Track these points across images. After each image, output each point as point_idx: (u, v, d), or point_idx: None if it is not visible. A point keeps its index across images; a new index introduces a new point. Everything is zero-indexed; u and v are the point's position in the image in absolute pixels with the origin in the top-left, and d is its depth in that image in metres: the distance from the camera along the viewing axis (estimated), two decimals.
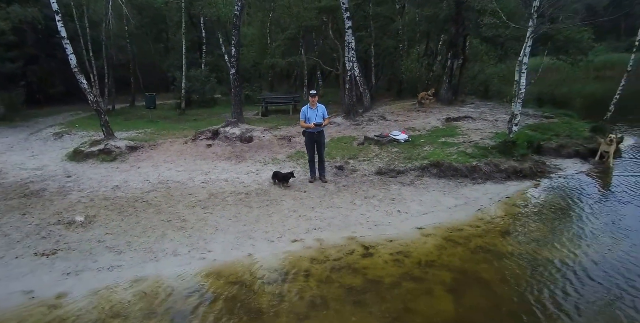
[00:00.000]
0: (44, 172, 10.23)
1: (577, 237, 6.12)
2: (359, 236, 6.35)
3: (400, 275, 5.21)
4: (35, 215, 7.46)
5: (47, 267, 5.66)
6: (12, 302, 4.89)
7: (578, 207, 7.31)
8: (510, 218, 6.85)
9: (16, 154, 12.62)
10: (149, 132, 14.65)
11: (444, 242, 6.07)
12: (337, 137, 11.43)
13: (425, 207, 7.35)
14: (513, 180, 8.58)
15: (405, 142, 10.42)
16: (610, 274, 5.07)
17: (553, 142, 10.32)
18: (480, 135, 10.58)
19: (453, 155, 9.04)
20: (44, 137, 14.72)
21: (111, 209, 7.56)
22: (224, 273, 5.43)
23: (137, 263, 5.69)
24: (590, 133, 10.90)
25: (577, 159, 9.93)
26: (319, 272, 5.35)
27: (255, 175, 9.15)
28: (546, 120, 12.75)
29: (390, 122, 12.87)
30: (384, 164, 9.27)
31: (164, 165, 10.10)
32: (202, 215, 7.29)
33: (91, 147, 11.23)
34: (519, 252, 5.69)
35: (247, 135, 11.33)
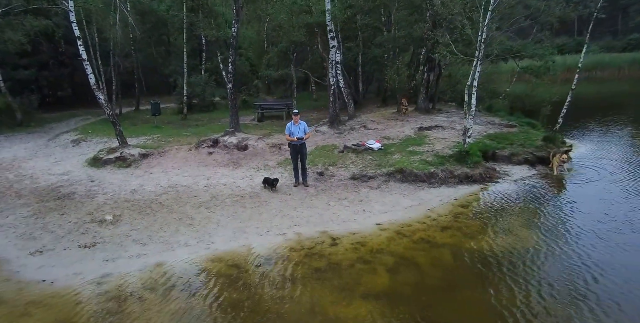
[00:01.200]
0: (70, 177, 12.06)
1: (500, 231, 7.92)
2: (329, 230, 8.17)
3: (356, 259, 7.03)
4: (72, 215, 9.29)
5: (90, 256, 7.50)
6: (70, 282, 6.71)
7: (510, 207, 9.10)
8: (452, 216, 8.66)
9: (41, 160, 14.45)
10: (156, 139, 16.42)
11: (394, 235, 7.89)
12: (321, 145, 13.22)
13: (386, 207, 9.16)
14: (464, 184, 10.39)
15: (379, 150, 12.20)
16: (513, 260, 6.87)
17: (506, 150, 12.10)
18: (444, 144, 12.36)
19: (415, 163, 10.84)
20: (63, 144, 16.51)
21: (133, 209, 9.39)
22: (224, 258, 7.26)
23: (158, 252, 7.51)
24: (542, 142, 12.66)
25: (526, 165, 11.71)
26: (295, 257, 7.17)
27: (249, 180, 10.96)
28: (508, 129, 14.50)
29: (369, 131, 14.66)
30: (358, 170, 11.07)
31: (173, 171, 11.91)
32: (206, 214, 9.11)
33: (109, 154, 13.03)
34: (449, 243, 7.50)
35: (242, 144, 13.14)
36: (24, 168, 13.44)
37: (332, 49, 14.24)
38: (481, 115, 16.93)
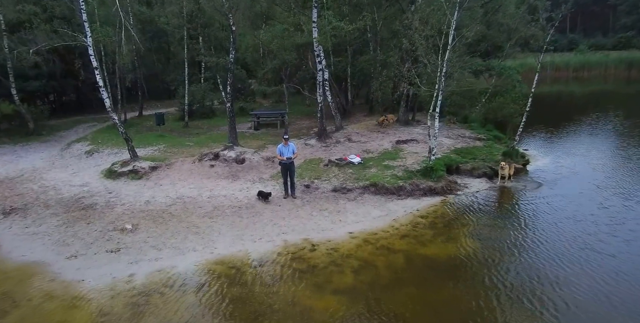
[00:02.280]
0: (90, 188, 13.90)
1: (447, 239, 9.83)
2: (310, 238, 10.06)
3: (329, 262, 8.93)
4: (97, 224, 11.16)
5: (117, 259, 9.38)
6: (103, 280, 8.60)
7: (460, 218, 11.01)
8: (412, 226, 10.56)
9: (60, 171, 16.28)
10: (162, 150, 18.23)
11: (362, 242, 9.79)
12: (309, 159, 15.08)
13: (358, 217, 11.06)
14: (428, 196, 12.28)
15: (358, 164, 14.08)
16: (452, 264, 8.79)
17: (469, 164, 14.00)
18: (415, 159, 14.22)
19: (387, 178, 12.73)
20: (77, 155, 18.31)
21: (148, 219, 11.26)
22: (225, 261, 9.15)
23: (171, 256, 9.40)
24: (501, 157, 14.55)
25: (484, 178, 13.62)
26: (281, 260, 9.07)
27: (246, 192, 12.83)
28: (476, 142, 16.38)
29: (353, 144, 16.53)
30: (339, 183, 12.95)
31: (179, 183, 13.77)
32: (209, 223, 10.99)
33: (122, 167, 14.87)
34: (404, 249, 9.41)
35: (240, 158, 14.99)
36: (46, 180, 15.27)
37: (319, 71, 16.05)
38: (456, 127, 18.81)
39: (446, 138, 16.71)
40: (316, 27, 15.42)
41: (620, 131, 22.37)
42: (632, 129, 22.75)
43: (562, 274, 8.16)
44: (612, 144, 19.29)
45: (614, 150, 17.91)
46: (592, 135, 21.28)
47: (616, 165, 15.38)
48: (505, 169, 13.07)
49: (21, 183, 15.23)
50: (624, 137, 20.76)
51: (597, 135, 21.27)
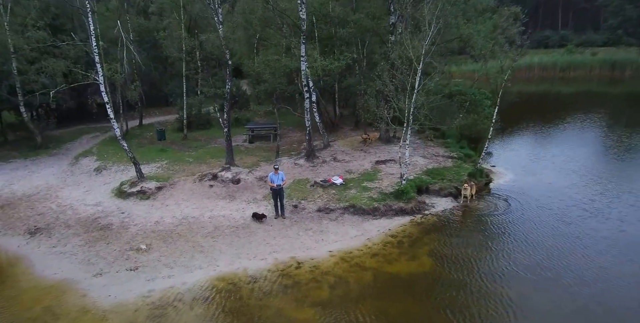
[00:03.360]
0: (104, 208, 15.94)
1: (410, 258, 11.98)
2: (296, 256, 12.18)
3: (310, 278, 11.07)
4: (115, 244, 13.24)
5: (136, 277, 11.48)
6: (126, 296, 10.69)
7: (423, 237, 13.16)
8: (382, 245, 12.70)
9: (73, 189, 18.27)
10: (164, 167, 20.22)
11: (339, 260, 11.93)
12: (298, 179, 17.14)
13: (338, 236, 13.19)
14: (399, 216, 14.42)
15: (341, 185, 16.18)
16: (412, 280, 10.95)
17: (437, 184, 16.12)
18: (390, 180, 16.32)
19: (364, 200, 14.85)
20: (86, 172, 20.27)
21: (159, 239, 13.34)
22: (226, 278, 11.26)
23: (181, 274, 11.50)
24: (466, 177, 16.68)
25: (450, 197, 15.77)
26: (271, 277, 11.20)
27: (242, 212, 14.92)
28: (447, 161, 18.49)
29: (337, 164, 18.59)
30: (322, 204, 15.06)
31: (183, 203, 15.82)
32: (211, 242, 13.09)
33: (131, 187, 16.89)
34: (373, 267, 11.55)
35: (236, 178, 17.05)
36: (62, 198, 17.28)
37: (306, 99, 18.07)
38: (432, 145, 20.93)
39: (421, 157, 18.83)
40: (304, 60, 17.37)
41: (597, 139, 24.83)
42: (609, 136, 25.19)
43: (508, 292, 10.24)
44: (586, 153, 21.59)
45: (587, 160, 20.15)
46: (565, 143, 23.66)
47: (583, 179, 17.50)
48: (467, 190, 15.21)
49: (39, 201, 17.25)
50: (599, 146, 23.23)
51: (571, 143, 23.71)
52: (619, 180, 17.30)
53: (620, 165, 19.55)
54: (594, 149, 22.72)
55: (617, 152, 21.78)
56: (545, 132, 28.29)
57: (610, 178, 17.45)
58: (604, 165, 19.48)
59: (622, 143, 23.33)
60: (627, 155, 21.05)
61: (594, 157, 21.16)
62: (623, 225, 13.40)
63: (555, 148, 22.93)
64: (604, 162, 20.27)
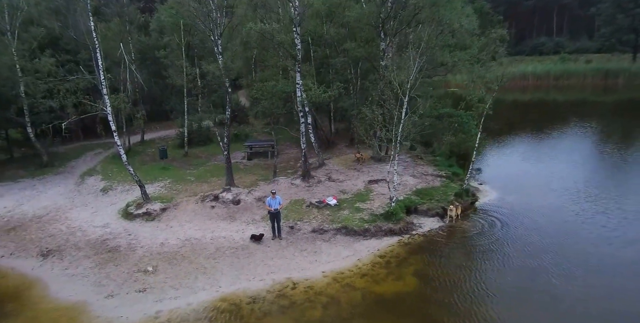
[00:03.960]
0: (111, 229, 17.06)
1: (395, 278, 13.10)
2: (292, 277, 13.30)
3: (305, 299, 12.20)
4: (123, 266, 14.35)
5: (144, 298, 12.59)
6: (137, 316, 11.80)
7: (409, 257, 14.28)
8: (371, 265, 13.82)
9: (81, 210, 19.39)
10: (167, 186, 21.36)
11: (332, 281, 13.05)
12: (294, 200, 18.29)
13: (331, 257, 14.32)
14: (388, 236, 15.55)
15: (335, 206, 17.33)
16: (397, 300, 12.07)
17: (425, 205, 17.27)
18: (381, 201, 17.46)
19: (356, 221, 16.00)
20: (93, 192, 21.41)
21: (164, 261, 14.46)
22: (227, 298, 12.38)
23: (186, 295, 12.61)
24: (453, 197, 17.83)
25: (437, 217, 16.91)
26: (269, 297, 12.32)
27: (242, 234, 16.05)
28: (434, 181, 19.64)
29: (332, 183, 19.74)
30: (317, 225, 16.20)
31: (187, 225, 16.95)
32: (213, 264, 14.21)
33: (137, 209, 18.02)
34: (362, 287, 12.67)
35: (236, 199, 18.20)
36: (71, 220, 18.39)
37: (302, 124, 19.26)
38: (422, 164, 22.10)
39: (411, 177, 19.99)
40: (300, 87, 18.59)
41: (589, 153, 26.18)
42: (602, 150, 26.52)
43: (487, 312, 11.33)
44: (577, 169, 22.81)
45: (577, 177, 21.30)
46: (556, 158, 24.96)
47: (570, 197, 18.64)
48: (452, 210, 16.37)
49: (49, 223, 18.37)
50: (591, 160, 24.67)
51: (562, 158, 25.02)
52: (608, 197, 18.37)
53: (611, 181, 20.61)
54: (586, 164, 23.90)
55: (609, 167, 23.16)
56: (538, 145, 29.61)
57: (599, 196, 18.58)
58: (594, 181, 20.59)
59: (614, 156, 24.73)
60: (619, 170, 22.37)
61: (585, 172, 22.28)
62: (609, 247, 14.32)
63: (546, 163, 24.21)
64: (594, 177, 21.36)
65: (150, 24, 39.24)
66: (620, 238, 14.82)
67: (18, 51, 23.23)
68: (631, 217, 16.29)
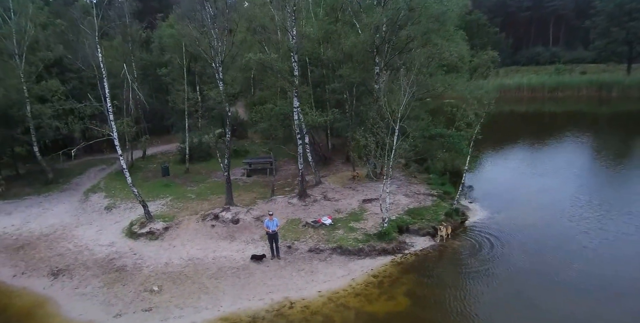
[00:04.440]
0: (117, 248, 17.97)
1: (387, 298, 14.02)
2: (290, 296, 14.22)
3: (301, 318, 13.10)
4: (130, 285, 15.26)
5: (151, 317, 13.49)
6: None
7: (401, 277, 15.20)
8: (364, 285, 14.73)
9: (87, 228, 20.31)
10: (169, 204, 22.31)
11: (327, 300, 13.97)
12: (291, 219, 19.23)
13: (326, 277, 15.24)
14: (382, 255, 16.48)
15: (330, 225, 18.28)
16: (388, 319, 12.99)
17: (417, 224, 18.24)
18: (374, 221, 18.42)
19: (350, 241, 16.94)
20: (98, 210, 22.36)
21: (169, 281, 15.37)
22: (229, 318, 13.28)
23: (190, 314, 13.51)
24: (444, 217, 18.80)
25: (428, 236, 17.86)
26: (268, 317, 13.23)
27: (242, 253, 16.97)
28: (426, 200, 20.62)
29: (327, 202, 20.71)
30: (313, 244, 17.13)
31: (189, 244, 17.87)
32: (215, 283, 15.12)
33: (141, 228, 18.95)
34: (355, 306, 13.58)
35: (236, 218, 19.14)
36: (78, 238, 19.31)
37: (299, 145, 20.28)
38: (415, 183, 23.11)
39: (404, 196, 20.98)
40: (297, 110, 19.65)
41: (583, 167, 27.43)
42: (595, 166, 27.75)
43: None
44: (569, 184, 23.91)
45: (567, 193, 22.35)
46: (548, 174, 26.02)
47: (558, 215, 19.62)
48: (442, 231, 17.33)
49: (57, 241, 19.29)
50: (584, 175, 25.86)
51: (554, 173, 26.12)
52: (592, 217, 19.33)
53: (597, 199, 21.55)
54: (576, 180, 24.97)
55: (598, 183, 24.29)
56: (530, 159, 30.80)
57: (583, 215, 19.56)
58: (581, 199, 21.56)
59: (605, 172, 25.97)
60: (608, 186, 23.51)
61: (574, 188, 23.32)
62: (591, 267, 15.18)
63: (537, 178, 25.40)
64: (582, 194, 22.31)
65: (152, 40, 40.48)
66: (601, 259, 15.76)
67: (25, 74, 24.26)
68: (611, 237, 17.24)
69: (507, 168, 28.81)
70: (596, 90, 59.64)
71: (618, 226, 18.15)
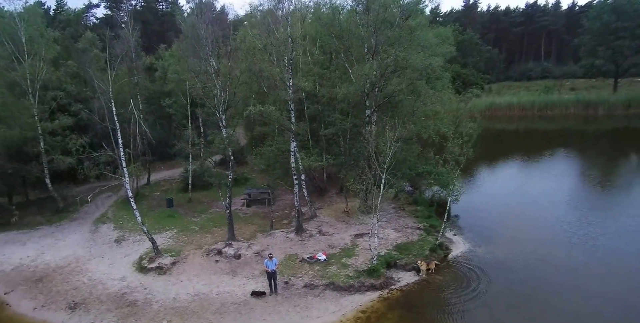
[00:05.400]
0: (128, 283, 19.65)
1: None
2: None
3: None
4: (142, 320, 16.94)
5: None
6: None
7: (389, 311, 16.94)
8: (354, 320, 16.43)
9: (98, 262, 21.98)
10: (175, 237, 24.05)
11: None
12: (289, 254, 20.98)
13: (320, 312, 16.97)
14: (370, 291, 18.22)
15: (324, 261, 20.03)
16: None
17: (403, 260, 20.01)
18: (365, 257, 20.17)
19: (342, 277, 18.70)
20: (108, 242, 24.06)
21: (177, 316, 17.07)
22: None
23: None
24: (428, 252, 20.58)
25: (413, 271, 19.62)
26: None
27: (243, 289, 18.67)
28: (413, 234, 22.42)
29: (323, 237, 22.49)
30: (308, 280, 18.87)
31: (195, 279, 19.57)
32: (219, 319, 16.82)
33: (150, 263, 20.65)
34: None
35: (237, 254, 20.89)
36: (92, 272, 20.98)
37: (296, 185, 22.10)
38: (404, 215, 24.95)
39: (393, 230, 22.79)
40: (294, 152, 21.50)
41: (566, 196, 29.39)
42: (582, 193, 29.81)
43: None
44: (546, 212, 25.89)
45: (544, 223, 24.32)
46: (531, 205, 27.91)
47: (539, 247, 21.44)
48: (422, 265, 19.09)
49: (72, 274, 20.95)
50: (567, 203, 27.88)
51: (538, 201, 28.21)
52: (576, 250, 21.16)
53: (575, 225, 23.49)
54: (559, 204, 27.17)
55: (578, 209, 26.34)
56: (518, 180, 32.88)
57: (557, 249, 21.33)
58: (559, 227, 23.55)
59: (588, 196, 28.12)
60: (590, 211, 25.73)
61: (555, 213, 25.42)
62: (579, 304, 16.75)
63: (523, 204, 27.43)
64: (561, 222, 24.34)
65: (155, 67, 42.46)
66: (587, 295, 17.41)
67: (39, 111, 26.08)
68: (596, 273, 19.05)
69: (494, 192, 30.77)
70: (583, 108, 61.97)
71: (603, 259, 20.03)
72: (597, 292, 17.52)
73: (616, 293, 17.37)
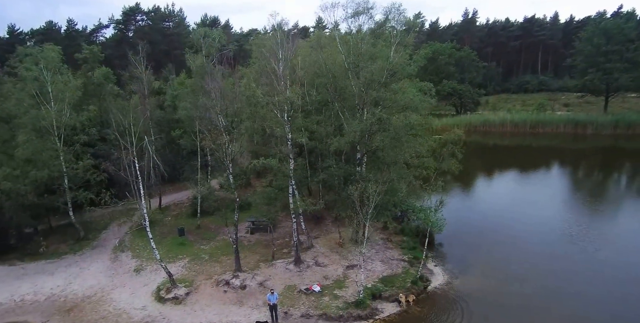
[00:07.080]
0: (149, 312, 22.81)
1: None
2: None
3: None
4: None
5: None
6: None
7: None
8: None
9: (121, 291, 25.15)
10: (187, 266, 27.23)
11: None
12: (288, 285, 24.11)
13: None
14: (357, 321, 21.32)
15: (319, 292, 23.15)
16: None
17: (387, 291, 23.10)
18: (354, 289, 23.26)
19: (333, 308, 21.81)
20: (127, 271, 27.26)
21: None
22: None
23: None
24: (410, 284, 23.65)
25: (395, 302, 22.70)
26: None
27: (248, 318, 21.79)
28: (398, 266, 25.49)
29: (318, 268, 25.62)
30: (305, 310, 21.99)
31: (207, 309, 22.71)
32: None
33: (167, 294, 23.83)
34: None
35: (243, 284, 24.06)
36: (116, 301, 24.15)
37: (294, 223, 25.25)
38: (391, 246, 28.07)
39: (380, 262, 25.91)
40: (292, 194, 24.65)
41: (551, 228, 32.32)
42: (563, 213, 33.16)
43: None
44: (533, 241, 29.18)
45: (524, 254, 27.37)
46: (516, 235, 30.88)
47: (506, 280, 24.48)
48: (402, 298, 22.15)
49: (99, 304, 24.12)
50: (546, 224, 30.89)
51: (522, 222, 31.78)
52: (558, 286, 23.87)
53: (555, 261, 26.43)
54: (543, 226, 30.51)
55: (560, 238, 29.49)
56: (505, 201, 36.14)
57: (537, 282, 24.21)
58: (540, 257, 26.66)
59: (571, 225, 31.54)
60: (571, 241, 28.98)
61: (536, 240, 28.79)
62: None
63: (507, 228, 30.67)
64: (543, 251, 27.45)
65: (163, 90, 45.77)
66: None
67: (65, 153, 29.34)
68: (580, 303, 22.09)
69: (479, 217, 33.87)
70: (573, 127, 64.93)
71: (585, 286, 23.12)
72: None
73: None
